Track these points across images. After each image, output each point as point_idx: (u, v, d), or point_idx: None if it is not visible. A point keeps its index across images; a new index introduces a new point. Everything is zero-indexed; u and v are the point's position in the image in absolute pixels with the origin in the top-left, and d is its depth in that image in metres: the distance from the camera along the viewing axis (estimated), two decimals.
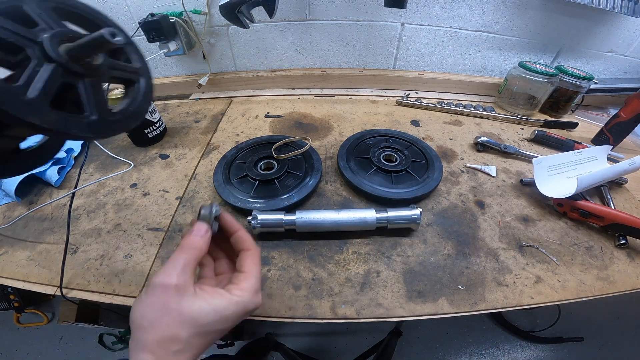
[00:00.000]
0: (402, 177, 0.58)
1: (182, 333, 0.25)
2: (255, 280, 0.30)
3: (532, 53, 0.89)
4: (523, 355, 1.17)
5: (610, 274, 0.47)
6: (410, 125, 0.78)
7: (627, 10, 0.74)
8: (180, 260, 0.28)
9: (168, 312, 0.26)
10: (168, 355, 0.25)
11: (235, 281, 0.30)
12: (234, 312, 0.27)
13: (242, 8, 0.65)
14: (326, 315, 0.40)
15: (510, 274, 0.46)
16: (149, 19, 0.74)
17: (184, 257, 0.28)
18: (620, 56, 0.88)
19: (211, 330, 0.27)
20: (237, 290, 0.29)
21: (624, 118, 0.68)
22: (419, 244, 0.49)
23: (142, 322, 0.26)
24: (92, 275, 0.45)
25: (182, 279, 0.27)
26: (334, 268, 0.46)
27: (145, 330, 0.25)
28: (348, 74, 0.92)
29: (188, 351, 0.26)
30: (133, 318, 0.26)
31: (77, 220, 0.53)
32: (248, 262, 0.31)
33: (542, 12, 0.81)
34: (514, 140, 0.74)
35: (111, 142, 0.71)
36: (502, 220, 0.54)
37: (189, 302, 0.26)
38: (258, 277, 0.30)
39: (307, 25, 0.85)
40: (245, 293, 0.28)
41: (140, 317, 0.26)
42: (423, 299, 0.42)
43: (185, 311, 0.26)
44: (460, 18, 0.83)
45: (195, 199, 0.56)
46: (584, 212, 0.52)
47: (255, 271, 0.30)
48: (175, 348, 0.25)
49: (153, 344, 0.25)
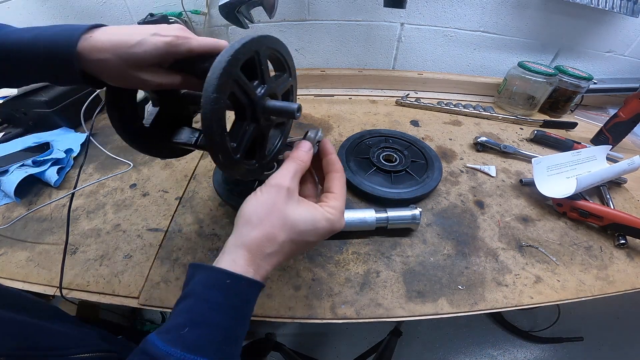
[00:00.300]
0: (401, 177, 0.58)
1: (281, 235, 0.27)
2: (342, 201, 0.31)
3: (531, 53, 0.89)
4: (523, 355, 1.17)
5: (609, 273, 0.47)
6: (410, 126, 0.78)
7: (626, 10, 0.74)
8: (292, 168, 0.30)
9: (275, 212, 0.27)
10: (262, 255, 0.27)
11: (325, 200, 0.31)
12: (324, 227, 0.29)
13: (242, 8, 0.65)
14: (326, 315, 0.40)
15: (510, 274, 0.46)
16: (148, 19, 0.74)
17: (294, 165, 0.30)
18: (620, 56, 0.88)
19: (302, 240, 0.28)
20: (329, 207, 0.30)
21: (623, 118, 0.69)
22: (419, 244, 0.49)
23: (251, 218, 0.27)
24: (92, 275, 0.45)
25: (293, 184, 0.29)
26: (333, 268, 0.46)
27: (253, 226, 0.27)
28: (347, 74, 0.92)
29: (278, 255, 0.28)
30: (243, 212, 0.28)
31: (76, 221, 0.53)
32: (337, 183, 0.32)
33: (541, 12, 0.81)
34: (514, 140, 0.75)
35: (111, 142, 0.71)
36: (502, 220, 0.54)
37: (293, 207, 0.28)
38: (344, 199, 0.32)
39: (307, 25, 0.85)
40: (336, 212, 0.30)
41: (250, 213, 0.28)
42: (423, 299, 0.42)
43: (289, 214, 0.28)
44: (459, 18, 0.83)
45: (195, 200, 0.56)
46: (583, 212, 0.52)
47: (342, 193, 0.32)
48: (270, 249, 0.27)
49: (253, 240, 0.27)
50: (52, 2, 0.78)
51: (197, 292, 0.25)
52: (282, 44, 0.38)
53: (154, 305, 0.41)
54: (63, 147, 0.65)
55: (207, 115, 0.27)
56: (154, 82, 0.30)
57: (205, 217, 0.53)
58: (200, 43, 0.31)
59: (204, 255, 0.47)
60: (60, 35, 0.26)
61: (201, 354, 0.22)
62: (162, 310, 0.41)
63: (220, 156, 0.29)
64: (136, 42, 0.28)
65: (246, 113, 0.33)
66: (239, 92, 0.30)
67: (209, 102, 0.26)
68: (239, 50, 0.28)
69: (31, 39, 0.26)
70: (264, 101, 0.34)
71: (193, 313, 0.24)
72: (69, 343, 0.31)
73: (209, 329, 0.24)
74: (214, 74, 0.27)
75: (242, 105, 0.32)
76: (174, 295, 0.42)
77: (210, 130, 0.27)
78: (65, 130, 0.73)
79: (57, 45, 0.26)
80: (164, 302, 0.41)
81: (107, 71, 0.28)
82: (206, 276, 0.26)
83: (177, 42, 0.29)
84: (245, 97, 0.31)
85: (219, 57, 0.27)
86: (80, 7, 0.80)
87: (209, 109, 0.27)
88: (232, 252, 0.27)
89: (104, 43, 0.27)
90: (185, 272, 0.44)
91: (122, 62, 0.28)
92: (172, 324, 0.24)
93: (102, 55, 0.27)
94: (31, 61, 0.27)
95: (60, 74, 0.28)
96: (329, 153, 0.34)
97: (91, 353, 0.32)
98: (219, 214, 0.53)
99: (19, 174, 0.56)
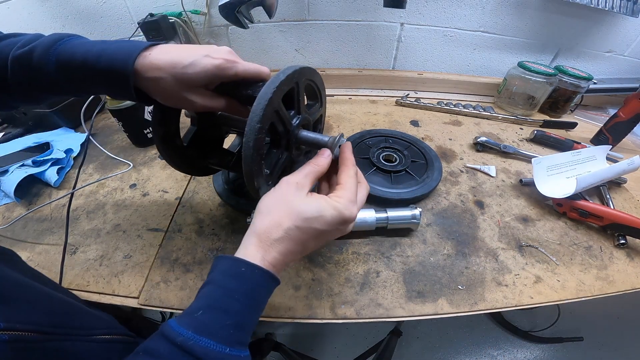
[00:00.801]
0: (401, 177, 0.58)
1: (286, 221, 0.29)
2: (350, 191, 0.32)
3: (531, 53, 0.89)
4: (523, 355, 1.17)
5: (609, 273, 0.47)
6: (410, 126, 0.78)
7: (626, 10, 0.74)
8: (306, 169, 0.32)
9: (282, 202, 0.30)
10: (269, 241, 0.29)
11: (333, 190, 0.33)
12: (332, 215, 0.30)
13: (242, 8, 0.65)
14: (326, 315, 0.40)
15: (510, 274, 0.46)
16: (148, 19, 0.74)
17: (309, 168, 0.33)
18: (619, 56, 0.88)
19: (309, 227, 0.30)
20: (335, 197, 0.32)
21: (623, 118, 0.69)
22: (419, 244, 0.49)
23: (262, 209, 0.30)
24: (92, 275, 0.45)
25: (303, 181, 0.31)
26: (333, 268, 0.46)
27: (263, 216, 0.30)
28: (347, 74, 0.92)
29: (285, 241, 0.29)
30: (258, 206, 0.31)
31: (76, 221, 0.53)
32: (344, 175, 0.34)
33: (541, 12, 0.81)
34: (514, 140, 0.75)
35: (110, 142, 0.71)
36: (502, 220, 0.54)
37: (300, 198, 0.30)
38: (352, 189, 0.33)
39: (307, 25, 0.85)
40: (342, 199, 0.31)
41: (263, 205, 0.31)
42: (423, 299, 0.42)
43: (295, 204, 0.30)
44: (459, 18, 0.83)
45: (194, 200, 0.56)
46: (583, 212, 0.52)
47: (349, 183, 0.33)
48: (276, 235, 0.29)
49: (262, 228, 0.29)
50: (52, 2, 0.78)
51: (216, 280, 0.27)
52: (318, 75, 0.39)
53: (154, 305, 0.41)
54: (63, 147, 0.65)
55: (249, 144, 0.28)
56: (200, 103, 0.32)
57: (205, 217, 0.53)
58: (245, 68, 0.33)
59: (204, 255, 0.47)
60: (121, 51, 0.29)
61: (208, 336, 0.24)
62: (162, 310, 0.41)
63: (255, 182, 0.31)
64: (189, 63, 0.30)
65: (281, 142, 0.34)
66: (278, 123, 0.32)
67: (253, 131, 0.28)
68: (283, 82, 0.30)
69: (97, 53, 0.29)
70: (297, 131, 0.35)
71: (209, 298, 0.26)
72: (93, 323, 0.31)
73: (220, 313, 0.26)
74: (259, 105, 0.28)
75: (278, 134, 0.33)
76: (174, 295, 0.42)
77: (251, 158, 0.29)
78: (65, 130, 0.73)
79: (117, 60, 0.29)
80: (164, 302, 0.41)
81: (160, 89, 0.30)
82: (225, 264, 0.28)
83: (226, 65, 0.31)
84: (282, 126, 0.33)
85: (265, 89, 0.29)
86: (80, 7, 0.80)
87: (252, 138, 0.28)
88: (245, 240, 0.30)
89: (160, 61, 0.29)
90: (185, 272, 0.45)
91: (175, 81, 0.30)
92: (191, 309, 0.26)
93: (157, 73, 0.29)
94: (95, 74, 0.29)
95: (116, 88, 0.30)
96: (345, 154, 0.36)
97: (112, 335, 0.32)
98: (219, 214, 0.53)
99: (19, 174, 0.56)
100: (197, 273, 0.44)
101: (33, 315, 0.25)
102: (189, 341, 0.23)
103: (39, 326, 0.25)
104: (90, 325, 0.31)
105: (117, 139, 0.72)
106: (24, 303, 0.26)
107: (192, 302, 0.27)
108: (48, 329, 0.26)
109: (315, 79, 0.39)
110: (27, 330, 0.24)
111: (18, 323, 0.23)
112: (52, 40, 0.30)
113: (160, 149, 0.40)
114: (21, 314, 0.24)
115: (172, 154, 0.40)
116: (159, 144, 0.39)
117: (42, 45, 0.30)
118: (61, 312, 0.29)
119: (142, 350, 0.25)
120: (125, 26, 0.84)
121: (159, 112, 0.38)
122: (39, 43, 0.30)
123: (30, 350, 0.24)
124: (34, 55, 0.29)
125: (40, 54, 0.29)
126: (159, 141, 0.39)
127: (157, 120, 0.38)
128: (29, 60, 0.29)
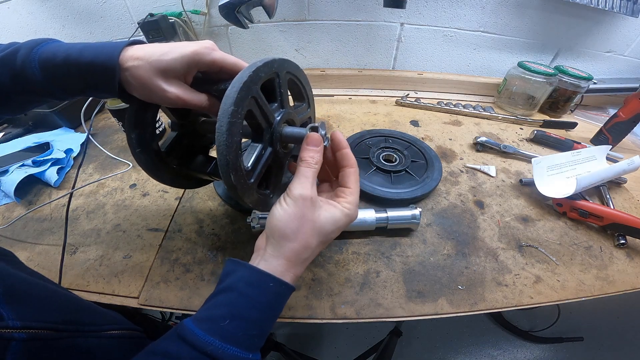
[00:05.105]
0: (401, 177, 0.58)
1: (313, 241, 0.30)
2: (357, 195, 0.33)
3: (531, 53, 0.89)
4: (523, 355, 1.17)
5: (609, 273, 0.47)
6: (410, 126, 0.78)
7: (626, 10, 0.74)
8: (309, 174, 0.31)
9: (306, 223, 0.29)
10: (298, 262, 0.29)
11: (341, 195, 0.33)
12: (344, 223, 0.31)
13: (242, 8, 0.65)
14: (326, 315, 0.40)
15: (510, 274, 0.46)
16: (148, 19, 0.74)
17: (311, 172, 0.31)
18: (619, 56, 0.88)
19: (328, 239, 0.31)
20: (346, 203, 0.32)
21: (623, 118, 0.69)
22: (419, 244, 0.49)
23: (286, 231, 0.29)
24: (92, 275, 0.45)
25: (314, 192, 0.30)
26: (333, 268, 0.46)
27: (289, 239, 0.29)
28: (347, 74, 0.92)
29: (310, 258, 0.30)
30: (276, 227, 0.30)
31: (76, 221, 0.53)
32: (352, 178, 0.33)
33: (541, 12, 0.81)
34: (514, 140, 0.75)
35: (110, 142, 0.71)
36: (502, 220, 0.54)
37: (319, 214, 0.30)
38: (358, 192, 0.33)
39: (307, 25, 0.85)
40: (352, 206, 0.32)
41: (284, 227, 0.29)
42: (423, 299, 0.42)
43: (317, 222, 0.30)
44: (459, 18, 0.83)
45: (194, 200, 0.56)
46: (583, 211, 0.52)
47: (357, 187, 0.33)
48: (305, 255, 0.30)
49: (292, 251, 0.29)
50: (52, 2, 0.78)
51: (239, 288, 0.27)
52: (302, 72, 0.38)
53: (154, 305, 0.41)
54: (63, 147, 0.65)
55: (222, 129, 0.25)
56: (176, 94, 0.31)
57: (205, 217, 0.53)
58: (223, 56, 0.32)
59: (204, 255, 0.47)
60: (106, 47, 0.29)
61: (236, 345, 0.25)
62: (162, 310, 0.41)
63: (232, 175, 0.27)
64: (166, 51, 0.30)
65: (263, 136, 0.32)
66: (257, 112, 0.30)
67: (226, 114, 0.25)
68: (260, 68, 0.29)
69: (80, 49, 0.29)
70: (280, 127, 0.33)
71: (233, 307, 0.26)
72: (101, 319, 0.31)
73: (247, 323, 0.26)
74: (233, 87, 0.26)
75: (259, 126, 0.31)
76: (174, 295, 0.42)
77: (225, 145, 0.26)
78: (65, 130, 0.73)
79: (102, 55, 0.29)
80: (164, 302, 0.41)
81: (136, 78, 0.30)
82: (249, 274, 0.28)
83: (202, 51, 0.31)
84: (262, 118, 0.31)
85: (240, 73, 0.27)
86: (80, 7, 0.80)
87: (225, 122, 0.25)
88: (272, 262, 0.29)
89: (139, 52, 0.30)
90: (185, 272, 0.45)
91: (151, 68, 0.29)
92: (211, 314, 0.26)
93: (135, 62, 0.29)
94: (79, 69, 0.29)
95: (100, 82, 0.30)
96: (342, 147, 0.34)
97: (120, 330, 0.32)
98: (219, 214, 0.53)
99: (19, 174, 0.56)
100: (197, 273, 0.44)
101: (45, 313, 0.25)
102: (217, 350, 0.24)
103: (53, 324, 0.25)
104: (99, 321, 0.31)
105: (117, 139, 0.72)
106: (35, 301, 0.26)
107: (207, 304, 0.28)
108: (61, 326, 0.26)
109: (300, 76, 0.37)
110: (42, 328, 0.24)
111: (33, 321, 0.23)
112: (34, 42, 0.30)
113: (135, 153, 0.36)
114: (34, 312, 0.24)
115: (146, 159, 0.37)
116: (133, 148, 0.36)
117: (25, 47, 0.29)
118: (71, 309, 0.29)
119: (159, 353, 0.25)
120: (125, 26, 0.84)
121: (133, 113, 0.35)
122: (21, 46, 0.30)
123: (46, 348, 0.24)
124: (17, 56, 0.29)
125: (24, 55, 0.29)
126: (133, 144, 0.36)
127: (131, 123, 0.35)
128: (13, 62, 0.29)
